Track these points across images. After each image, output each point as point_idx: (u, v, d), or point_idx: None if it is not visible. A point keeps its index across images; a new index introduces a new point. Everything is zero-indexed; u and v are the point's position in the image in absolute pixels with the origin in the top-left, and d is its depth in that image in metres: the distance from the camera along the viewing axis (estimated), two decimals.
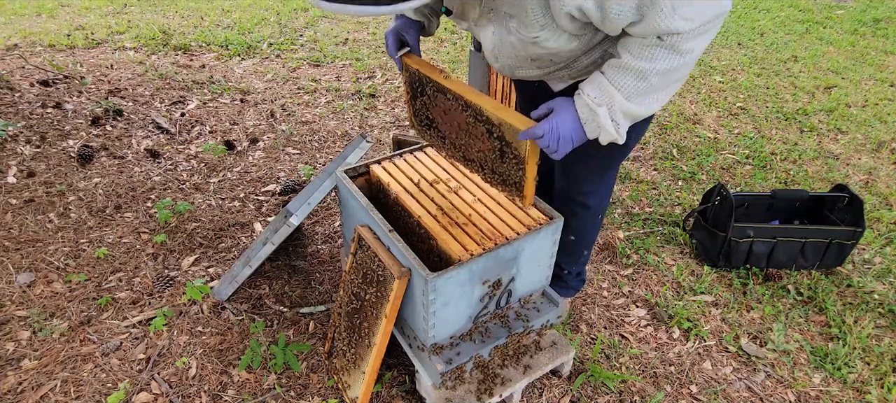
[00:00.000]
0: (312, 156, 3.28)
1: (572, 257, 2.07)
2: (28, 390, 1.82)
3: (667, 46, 1.22)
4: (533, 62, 1.48)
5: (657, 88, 1.29)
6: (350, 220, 1.97)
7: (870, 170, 3.38)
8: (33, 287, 2.20)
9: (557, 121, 1.37)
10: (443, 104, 1.64)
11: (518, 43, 1.39)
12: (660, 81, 1.27)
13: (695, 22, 1.17)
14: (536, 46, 1.37)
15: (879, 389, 2.00)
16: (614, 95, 1.30)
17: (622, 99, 1.30)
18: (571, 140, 1.38)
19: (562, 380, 1.96)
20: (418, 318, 1.64)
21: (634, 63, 1.26)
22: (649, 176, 3.24)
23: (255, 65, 4.49)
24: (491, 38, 1.45)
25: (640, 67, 1.25)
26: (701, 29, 1.20)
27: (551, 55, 1.41)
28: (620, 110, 1.31)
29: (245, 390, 1.88)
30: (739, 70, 4.76)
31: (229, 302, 2.19)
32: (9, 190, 2.70)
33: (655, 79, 1.26)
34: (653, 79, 1.26)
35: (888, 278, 2.51)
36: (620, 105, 1.30)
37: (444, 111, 1.65)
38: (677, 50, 1.22)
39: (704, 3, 1.16)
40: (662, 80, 1.27)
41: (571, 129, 1.37)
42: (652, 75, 1.25)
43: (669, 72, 1.25)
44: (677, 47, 1.21)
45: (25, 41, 4.57)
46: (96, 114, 3.36)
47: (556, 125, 1.36)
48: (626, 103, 1.30)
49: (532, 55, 1.43)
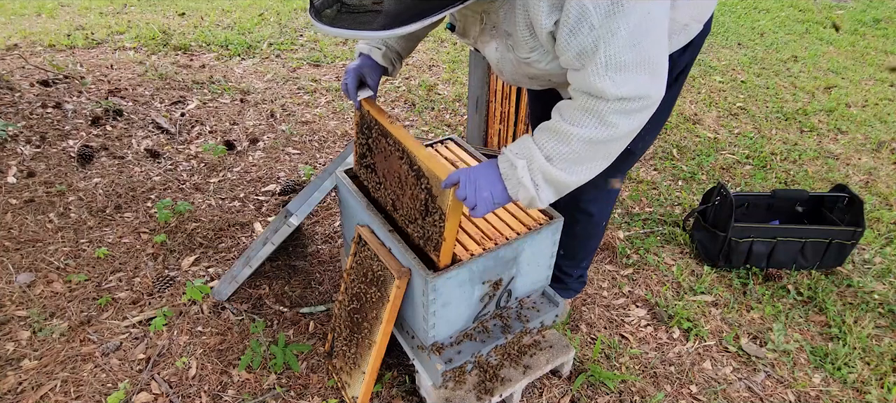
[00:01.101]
0: (312, 156, 3.28)
1: (573, 261, 2.07)
2: (28, 390, 1.82)
3: (594, 114, 1.20)
4: (532, 80, 1.49)
5: (582, 158, 1.26)
6: (350, 220, 1.97)
7: (870, 170, 3.38)
8: (33, 287, 2.20)
9: (477, 171, 1.35)
10: (384, 149, 1.65)
11: (515, 61, 1.39)
12: (584, 150, 1.24)
13: (620, 90, 1.16)
14: (530, 67, 1.37)
15: (879, 389, 2.00)
16: (535, 152, 1.27)
17: (542, 158, 1.27)
18: (490, 192, 1.34)
19: (562, 380, 1.96)
20: (418, 318, 1.64)
21: (561, 125, 1.25)
22: (649, 176, 3.24)
23: (255, 65, 4.49)
24: (494, 53, 1.44)
25: (565, 130, 1.24)
26: (627, 105, 1.18)
27: (547, 74, 1.40)
28: (539, 171, 1.28)
29: (245, 390, 1.88)
30: (739, 70, 4.76)
31: (229, 302, 2.19)
32: (9, 190, 2.70)
33: (578, 145, 1.24)
34: (575, 144, 1.24)
35: (888, 278, 2.51)
36: (540, 165, 1.27)
37: (385, 157, 1.66)
38: (603, 120, 1.20)
39: (634, 78, 1.16)
40: (587, 150, 1.25)
41: (490, 182, 1.34)
42: (575, 140, 1.23)
43: (594, 142, 1.23)
44: (603, 117, 1.19)
45: (25, 41, 4.57)
46: (96, 114, 3.36)
47: (474, 175, 1.34)
48: (546, 164, 1.27)
49: (528, 74, 1.43)
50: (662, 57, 1.20)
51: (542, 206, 1.34)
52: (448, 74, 4.45)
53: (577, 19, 1.12)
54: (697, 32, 1.47)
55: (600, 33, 1.12)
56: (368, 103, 1.67)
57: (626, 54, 1.13)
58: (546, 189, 1.31)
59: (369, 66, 1.64)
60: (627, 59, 1.14)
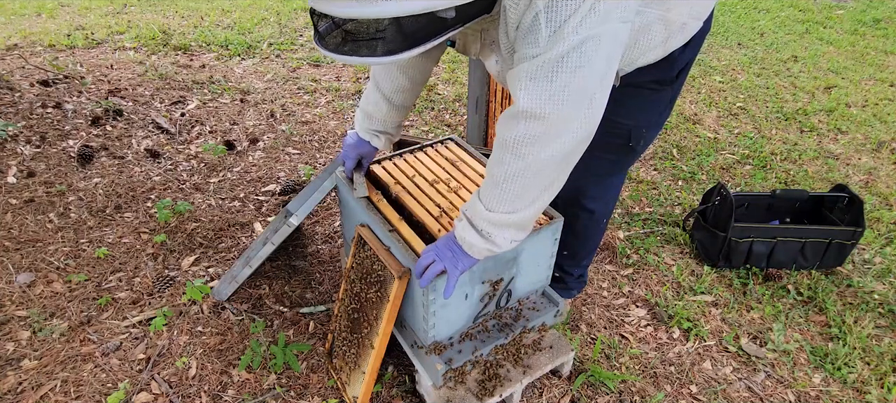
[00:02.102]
0: (312, 156, 3.28)
1: (574, 260, 2.06)
2: (28, 390, 1.82)
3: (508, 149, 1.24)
4: None
5: (520, 194, 1.29)
6: (350, 220, 1.97)
7: (870, 170, 3.38)
8: (33, 287, 2.20)
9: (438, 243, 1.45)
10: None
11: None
12: (516, 187, 1.28)
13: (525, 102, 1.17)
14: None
15: (879, 389, 2.00)
16: (477, 207, 1.34)
17: (483, 208, 1.32)
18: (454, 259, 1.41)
19: (562, 380, 1.96)
20: (418, 318, 1.64)
21: (491, 169, 1.30)
22: (649, 176, 3.24)
23: (255, 65, 4.49)
24: (494, 66, 1.46)
25: (494, 173, 1.29)
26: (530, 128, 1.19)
27: None
28: (485, 220, 1.33)
29: (245, 390, 1.88)
30: (739, 70, 4.76)
31: (229, 302, 2.19)
32: (9, 190, 2.70)
33: (509, 184, 1.27)
34: (508, 185, 1.28)
35: (888, 278, 2.51)
36: (481, 214, 1.33)
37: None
38: (517, 154, 1.23)
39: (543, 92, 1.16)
40: (520, 186, 1.27)
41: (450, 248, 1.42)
42: (504, 181, 1.27)
43: (521, 176, 1.26)
44: (517, 151, 1.23)
45: (25, 41, 4.57)
46: (96, 114, 3.36)
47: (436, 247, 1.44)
48: (487, 213, 1.32)
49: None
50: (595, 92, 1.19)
51: (504, 250, 1.38)
52: (448, 74, 4.45)
53: (528, 27, 1.15)
54: (697, 30, 1.47)
55: (540, 50, 1.14)
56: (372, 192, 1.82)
57: (548, 71, 1.14)
58: (500, 233, 1.35)
59: (369, 150, 1.81)
60: (548, 77, 1.14)
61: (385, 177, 1.92)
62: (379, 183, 1.94)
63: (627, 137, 1.64)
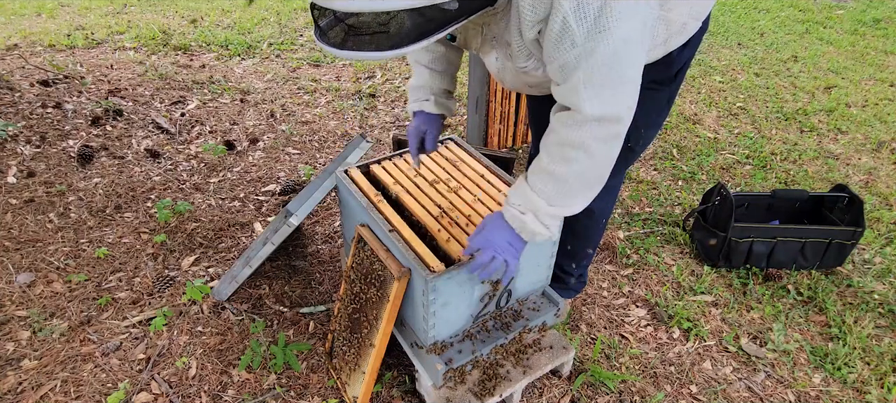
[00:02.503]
0: (312, 156, 3.28)
1: (574, 259, 2.06)
2: (28, 390, 1.82)
3: (577, 147, 1.26)
4: (532, 88, 1.51)
5: (577, 190, 1.35)
6: (350, 220, 1.97)
7: (870, 170, 3.38)
8: (33, 287, 2.20)
9: (491, 236, 1.43)
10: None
11: (514, 69, 1.42)
12: (577, 183, 1.34)
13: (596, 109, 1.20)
14: (527, 75, 1.39)
15: (879, 389, 2.00)
16: (537, 202, 1.37)
17: (545, 205, 1.37)
18: (512, 246, 1.43)
19: (562, 380, 1.96)
20: (418, 318, 1.64)
21: (552, 167, 1.32)
22: (649, 176, 3.24)
23: (255, 65, 4.49)
24: (494, 63, 1.47)
25: (556, 171, 1.32)
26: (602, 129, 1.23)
27: (544, 82, 1.42)
28: (546, 215, 1.38)
29: (245, 390, 1.88)
30: (739, 70, 4.76)
31: (229, 302, 2.19)
32: (9, 190, 2.70)
33: (573, 180, 1.32)
34: (570, 181, 1.32)
35: (888, 278, 2.51)
36: (545, 210, 1.37)
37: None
38: (588, 151, 1.26)
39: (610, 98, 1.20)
40: (581, 182, 1.34)
41: (508, 240, 1.43)
42: (568, 178, 1.32)
43: (584, 173, 1.31)
44: (587, 147, 1.26)
45: (25, 41, 4.57)
46: (96, 114, 3.36)
47: (490, 239, 1.43)
48: (550, 208, 1.37)
49: (527, 82, 1.46)
50: (638, 79, 1.24)
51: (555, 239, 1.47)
52: None
53: (559, 33, 1.15)
54: (696, 30, 1.48)
55: (581, 51, 1.14)
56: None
57: (604, 74, 1.16)
58: (555, 224, 1.42)
59: (426, 120, 1.72)
60: (605, 79, 1.16)
61: (385, 177, 1.92)
62: (379, 183, 1.94)
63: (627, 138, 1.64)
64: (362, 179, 1.89)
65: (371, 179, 1.95)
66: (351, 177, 1.91)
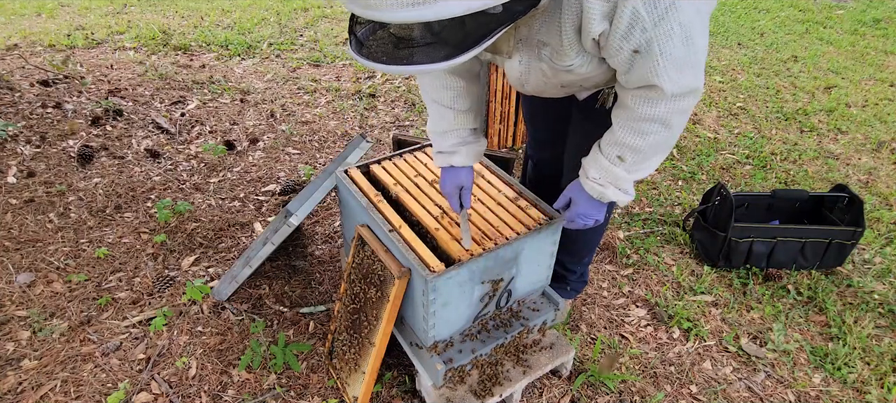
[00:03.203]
0: (312, 156, 3.28)
1: (575, 258, 2.06)
2: (28, 390, 1.82)
3: (656, 121, 1.31)
4: (563, 88, 1.49)
5: (652, 157, 1.42)
6: (350, 220, 1.97)
7: (870, 170, 3.38)
8: (33, 287, 2.20)
9: (580, 209, 1.57)
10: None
11: (549, 70, 1.39)
12: (653, 153, 1.40)
13: (676, 86, 1.23)
14: (569, 74, 1.37)
15: (879, 389, 2.00)
16: (617, 173, 1.44)
17: (624, 173, 1.43)
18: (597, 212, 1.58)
19: (562, 380, 1.96)
20: (418, 318, 1.64)
21: (629, 139, 1.37)
22: (649, 176, 3.24)
23: (255, 65, 4.49)
24: (517, 66, 1.43)
25: (636, 144, 1.37)
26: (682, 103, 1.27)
27: (582, 80, 1.42)
28: (627, 182, 1.46)
29: (245, 390, 1.88)
30: (739, 70, 4.76)
31: (229, 302, 2.19)
32: (9, 190, 2.70)
33: (650, 151, 1.39)
34: (648, 152, 1.39)
35: (888, 278, 2.51)
36: (625, 178, 1.44)
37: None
38: (667, 124, 1.31)
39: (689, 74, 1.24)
40: (656, 151, 1.40)
41: (595, 209, 1.57)
42: (647, 149, 1.38)
43: (661, 144, 1.37)
44: (666, 121, 1.30)
45: (25, 41, 4.57)
46: (96, 114, 3.36)
47: (581, 212, 1.58)
48: (629, 176, 1.44)
49: (563, 82, 1.44)
50: (706, 50, 1.27)
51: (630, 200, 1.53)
52: None
53: (629, 23, 1.15)
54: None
55: (654, 34, 1.16)
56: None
57: (680, 51, 1.18)
58: (632, 187, 1.50)
59: (457, 176, 1.65)
60: (682, 57, 1.19)
61: (385, 178, 1.92)
62: (379, 183, 1.94)
63: None
64: (362, 179, 1.89)
65: (371, 179, 1.95)
66: (351, 177, 1.91)
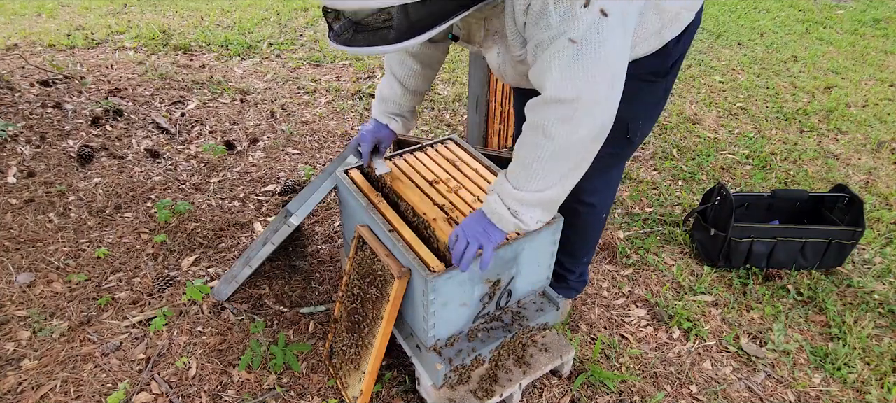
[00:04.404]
0: (312, 156, 3.28)
1: (575, 257, 2.06)
2: (28, 390, 1.82)
3: (538, 130, 1.27)
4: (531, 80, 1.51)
5: (546, 174, 1.32)
6: (350, 220, 1.97)
7: (870, 170, 3.38)
8: (33, 287, 2.20)
9: (464, 224, 1.47)
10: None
11: (512, 61, 1.44)
12: (543, 167, 1.31)
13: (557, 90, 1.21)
14: (523, 65, 1.40)
15: (879, 389, 2.00)
16: (503, 184, 1.38)
17: (511, 188, 1.36)
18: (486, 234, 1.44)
19: (562, 380, 1.96)
20: (418, 318, 1.64)
21: (518, 151, 1.34)
22: (649, 176, 3.24)
23: (255, 65, 4.49)
24: (496, 58, 1.49)
25: (521, 155, 1.33)
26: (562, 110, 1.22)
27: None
28: (513, 199, 1.37)
29: (245, 390, 1.88)
30: (739, 70, 4.76)
31: (229, 302, 2.19)
32: (9, 190, 2.70)
33: (537, 165, 1.31)
34: (534, 165, 1.31)
35: (888, 278, 2.51)
36: (510, 193, 1.37)
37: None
38: (547, 134, 1.26)
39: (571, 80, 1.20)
40: (547, 166, 1.31)
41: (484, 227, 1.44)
42: (532, 162, 1.31)
43: (549, 158, 1.29)
44: (546, 131, 1.26)
45: (25, 41, 4.57)
46: (96, 114, 3.36)
47: (463, 228, 1.46)
48: (516, 192, 1.36)
49: (526, 73, 1.46)
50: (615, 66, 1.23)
51: (532, 228, 1.42)
52: (448, 74, 4.45)
53: (539, 13, 1.19)
54: (690, 21, 1.50)
55: (555, 33, 1.18)
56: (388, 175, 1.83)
57: (571, 56, 1.18)
58: (527, 212, 1.39)
59: (386, 134, 1.81)
60: (572, 61, 1.18)
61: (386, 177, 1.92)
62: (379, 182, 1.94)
63: (625, 129, 1.66)
64: (362, 179, 1.89)
65: (370, 180, 1.95)
66: (351, 177, 1.91)
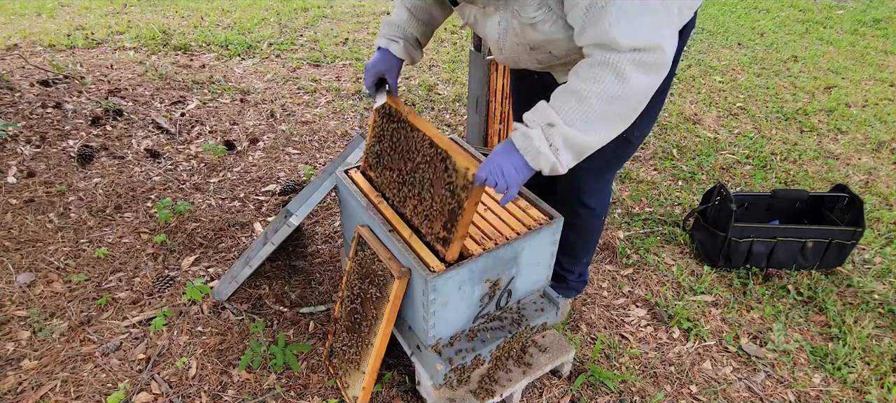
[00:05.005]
0: (312, 156, 3.28)
1: (574, 257, 2.06)
2: (28, 390, 1.82)
3: (609, 67, 1.21)
4: (532, 52, 1.48)
5: (599, 116, 1.25)
6: (350, 220, 1.97)
7: (870, 170, 3.38)
8: (33, 287, 2.20)
9: (496, 157, 1.36)
10: (403, 144, 1.68)
11: (519, 28, 1.39)
12: (601, 107, 1.24)
13: (633, 39, 1.18)
14: (534, 31, 1.37)
15: (879, 389, 2.00)
16: (553, 118, 1.27)
17: (560, 121, 1.26)
18: (515, 170, 1.35)
19: (562, 380, 1.96)
20: (418, 318, 1.64)
21: (577, 84, 1.25)
22: (649, 176, 3.24)
23: (255, 65, 4.49)
24: (497, 27, 1.44)
25: (581, 88, 1.24)
26: (641, 56, 1.20)
27: (548, 44, 1.40)
28: (559, 135, 1.27)
29: (245, 390, 1.88)
30: (739, 70, 4.76)
31: (229, 302, 2.19)
32: (9, 190, 2.70)
33: (596, 103, 1.23)
34: (593, 102, 1.23)
35: (888, 278, 2.51)
36: (559, 129, 1.27)
37: (402, 152, 1.69)
38: (619, 72, 1.20)
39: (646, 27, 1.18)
40: (605, 108, 1.24)
41: (512, 163, 1.34)
42: (592, 97, 1.23)
43: (611, 99, 1.23)
44: (619, 69, 1.20)
45: (25, 41, 4.57)
46: (96, 114, 3.36)
47: (496, 161, 1.36)
48: (565, 128, 1.26)
49: (531, 43, 1.42)
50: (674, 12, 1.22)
51: (563, 172, 1.32)
52: (448, 74, 4.45)
53: None
54: (688, 19, 1.49)
55: None
56: (391, 99, 1.72)
57: (638, 3, 1.15)
58: (566, 153, 1.30)
59: (388, 61, 1.68)
60: (638, 8, 1.15)
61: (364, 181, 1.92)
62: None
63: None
64: (362, 179, 1.89)
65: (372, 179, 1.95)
66: (351, 177, 1.91)
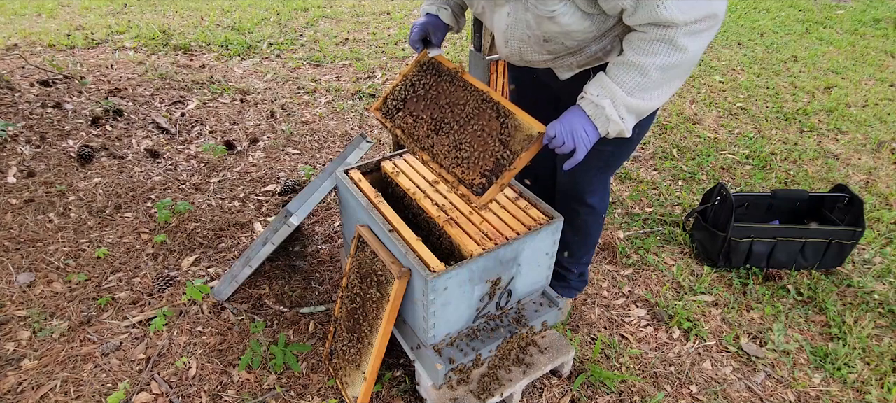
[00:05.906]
0: (312, 156, 3.28)
1: (575, 257, 2.07)
2: (28, 390, 1.82)
3: (666, 41, 1.27)
4: (545, 44, 1.50)
5: (658, 84, 1.34)
6: (350, 220, 1.97)
7: (870, 170, 3.38)
8: (33, 287, 2.20)
9: (568, 119, 1.43)
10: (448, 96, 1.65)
11: (534, 20, 1.42)
12: (660, 76, 1.32)
13: (688, 14, 1.23)
14: (552, 23, 1.39)
15: (879, 389, 2.00)
16: (616, 91, 1.36)
17: (624, 94, 1.35)
18: (586, 134, 1.42)
19: (562, 380, 1.96)
20: (418, 318, 1.64)
21: (636, 58, 1.32)
22: (649, 176, 3.24)
23: (255, 65, 4.49)
24: (505, 18, 1.48)
25: (640, 62, 1.31)
26: (696, 26, 1.25)
27: (564, 35, 1.43)
28: (623, 104, 1.37)
29: (245, 390, 1.88)
30: (739, 70, 4.76)
31: (229, 302, 2.19)
32: (9, 190, 2.70)
33: (655, 74, 1.31)
34: (653, 74, 1.31)
35: (888, 278, 2.51)
36: (622, 100, 1.36)
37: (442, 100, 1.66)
38: (675, 45, 1.27)
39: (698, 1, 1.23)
40: (662, 76, 1.32)
41: (582, 126, 1.42)
42: (652, 70, 1.31)
43: (668, 67, 1.31)
44: (675, 42, 1.27)
45: (25, 41, 4.57)
46: (96, 114, 3.36)
47: (566, 123, 1.43)
48: (628, 98, 1.35)
49: (545, 35, 1.45)
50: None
51: (629, 135, 1.44)
52: None
53: None
54: None
55: None
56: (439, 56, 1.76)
57: None
58: (630, 118, 1.40)
59: (435, 24, 1.74)
60: None
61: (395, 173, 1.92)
62: (386, 178, 1.94)
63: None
64: (362, 179, 1.89)
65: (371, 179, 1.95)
66: (351, 177, 1.91)
